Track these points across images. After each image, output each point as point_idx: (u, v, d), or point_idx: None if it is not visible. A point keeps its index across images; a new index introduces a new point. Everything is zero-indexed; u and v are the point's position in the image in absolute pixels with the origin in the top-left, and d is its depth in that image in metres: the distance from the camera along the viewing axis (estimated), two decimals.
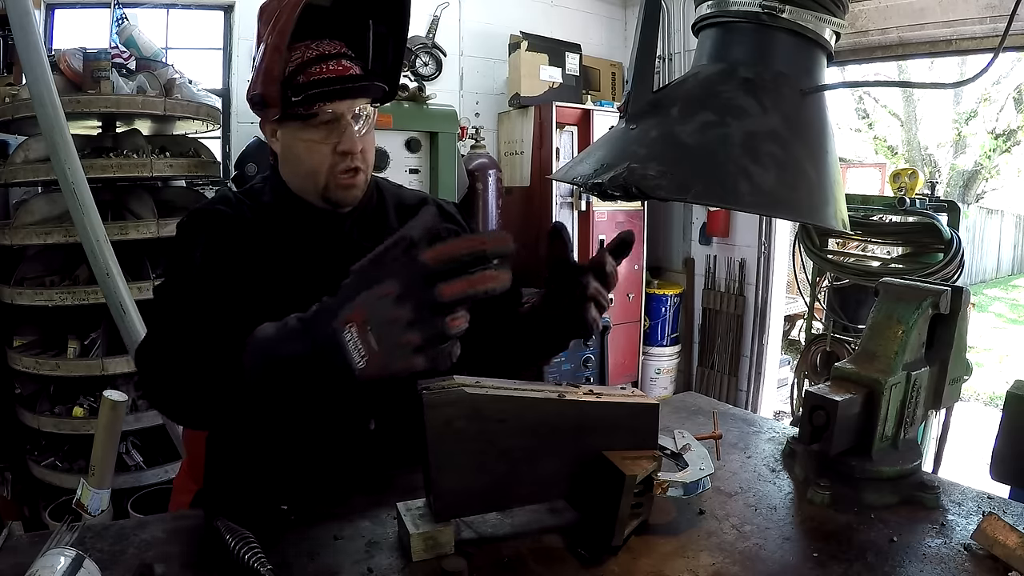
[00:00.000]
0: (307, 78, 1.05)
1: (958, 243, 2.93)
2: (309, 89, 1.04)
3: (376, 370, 0.72)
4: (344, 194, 1.13)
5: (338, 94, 1.06)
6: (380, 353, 0.71)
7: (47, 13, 3.05)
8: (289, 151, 1.12)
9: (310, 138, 1.08)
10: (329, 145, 1.08)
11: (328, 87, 1.05)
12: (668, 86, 0.96)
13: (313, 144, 1.09)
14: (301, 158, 1.11)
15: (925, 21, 3.26)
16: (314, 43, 1.08)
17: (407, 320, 0.70)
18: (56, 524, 0.98)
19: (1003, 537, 0.86)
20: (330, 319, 0.74)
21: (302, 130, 1.08)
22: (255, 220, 1.14)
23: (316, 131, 1.08)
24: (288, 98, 1.04)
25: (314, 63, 1.06)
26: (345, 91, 1.07)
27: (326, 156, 1.09)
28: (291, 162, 1.13)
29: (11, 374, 2.57)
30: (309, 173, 1.11)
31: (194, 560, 0.86)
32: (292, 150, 1.11)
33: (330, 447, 1.12)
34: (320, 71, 1.06)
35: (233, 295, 1.02)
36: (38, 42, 1.86)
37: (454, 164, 3.22)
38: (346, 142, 1.08)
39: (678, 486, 0.98)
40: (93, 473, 2.10)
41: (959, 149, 13.25)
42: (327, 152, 1.09)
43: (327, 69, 1.06)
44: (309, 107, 1.05)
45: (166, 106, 2.51)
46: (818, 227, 1.91)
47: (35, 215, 2.42)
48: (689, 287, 4.45)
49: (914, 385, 1.12)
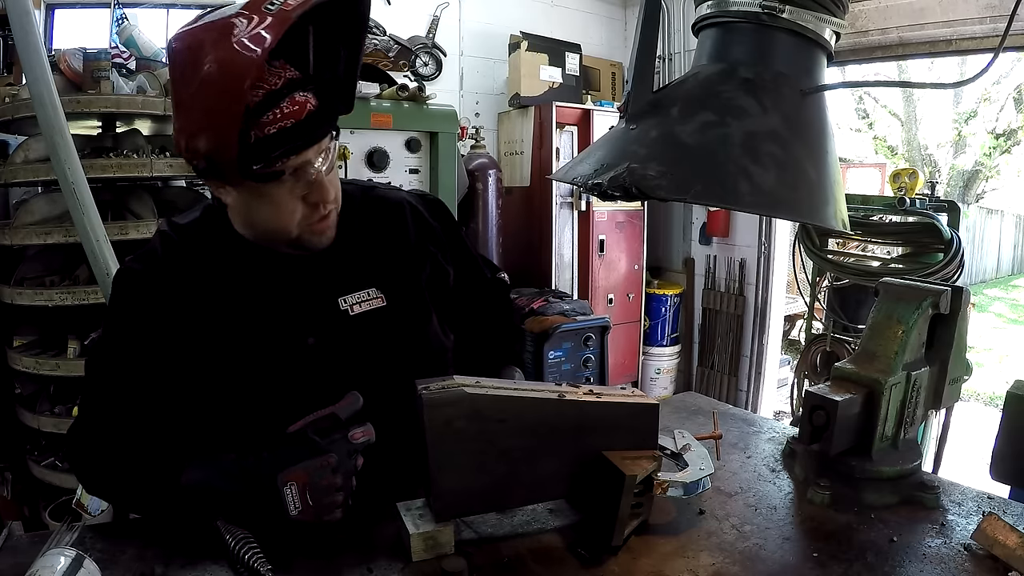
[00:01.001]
0: (261, 131, 0.86)
1: (958, 243, 2.93)
2: (270, 149, 0.87)
3: (306, 519, 0.87)
4: (319, 239, 1.01)
5: (303, 144, 0.90)
6: (313, 508, 0.87)
7: (47, 13, 3.04)
8: (248, 208, 0.97)
9: (274, 194, 0.93)
10: (297, 198, 0.94)
11: (290, 140, 0.88)
12: (668, 86, 0.96)
13: (280, 201, 0.94)
14: (266, 218, 0.96)
15: (925, 21, 3.26)
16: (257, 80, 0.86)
17: (338, 486, 0.88)
18: (56, 524, 0.98)
19: (1003, 537, 0.86)
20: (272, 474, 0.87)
21: (263, 187, 0.92)
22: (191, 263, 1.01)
23: (280, 185, 0.92)
24: (246, 164, 0.87)
25: (264, 109, 0.85)
26: (310, 137, 0.90)
27: (295, 210, 0.95)
28: (251, 220, 0.99)
29: (11, 374, 2.57)
30: (277, 230, 0.97)
31: (194, 560, 0.86)
32: (253, 210, 0.96)
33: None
34: (275, 118, 0.86)
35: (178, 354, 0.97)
36: (38, 42, 1.85)
37: (454, 164, 3.22)
38: (317, 192, 0.95)
39: (678, 486, 0.98)
40: None
41: (959, 149, 13.25)
42: (296, 205, 0.95)
43: (282, 114, 0.87)
44: (271, 166, 0.89)
45: (166, 106, 2.50)
46: (818, 227, 1.91)
47: (35, 215, 2.42)
48: (689, 287, 4.44)
49: (914, 385, 1.12)
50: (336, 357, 1.03)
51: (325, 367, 1.02)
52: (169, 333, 0.97)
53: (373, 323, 1.06)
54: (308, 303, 1.04)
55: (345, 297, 1.05)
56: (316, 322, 1.03)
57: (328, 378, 1.00)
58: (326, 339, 1.03)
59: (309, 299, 1.04)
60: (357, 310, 1.05)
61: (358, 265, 1.08)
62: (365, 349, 1.06)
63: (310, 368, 1.02)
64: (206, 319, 0.99)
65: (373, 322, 1.06)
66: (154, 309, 0.98)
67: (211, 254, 1.02)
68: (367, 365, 1.05)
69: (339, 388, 0.94)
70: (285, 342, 1.01)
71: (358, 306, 1.06)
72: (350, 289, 1.06)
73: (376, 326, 1.06)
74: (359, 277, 1.08)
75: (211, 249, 1.02)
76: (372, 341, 1.06)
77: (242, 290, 1.01)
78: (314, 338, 1.02)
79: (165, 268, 1.00)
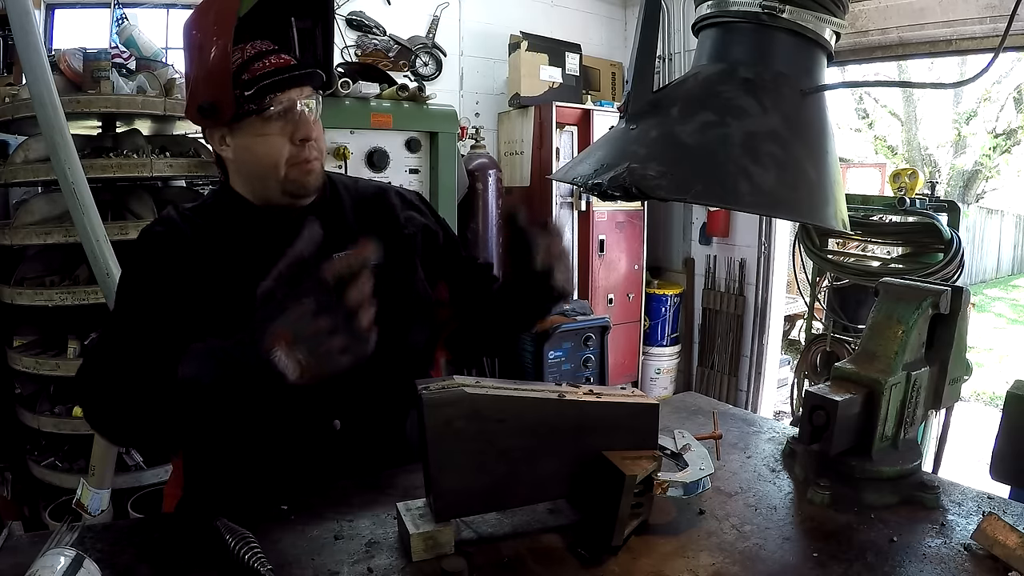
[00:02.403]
0: (252, 74, 1.08)
1: (958, 243, 2.93)
2: (259, 82, 1.07)
3: (310, 378, 0.81)
4: (305, 180, 1.14)
5: (287, 83, 1.10)
6: (312, 363, 0.80)
7: (47, 13, 3.05)
8: (245, 151, 1.13)
9: (266, 132, 1.10)
10: (285, 136, 1.11)
11: (276, 77, 1.09)
12: (668, 86, 0.96)
13: (270, 138, 1.11)
14: (259, 155, 1.12)
15: (925, 21, 3.26)
16: (246, 45, 1.11)
17: (328, 329, 0.79)
18: (56, 524, 0.98)
19: (1003, 537, 0.86)
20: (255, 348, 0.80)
21: (257, 125, 1.10)
22: (205, 234, 1.15)
23: (271, 124, 1.10)
24: (240, 96, 1.07)
25: (254, 60, 1.09)
26: (292, 79, 1.10)
27: (284, 146, 1.11)
28: (248, 163, 1.15)
29: (11, 374, 2.57)
30: (269, 167, 1.12)
31: (194, 560, 0.86)
32: (249, 149, 1.13)
33: (295, 448, 1.13)
34: (263, 66, 1.09)
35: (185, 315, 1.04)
36: (38, 42, 1.85)
37: (454, 164, 3.22)
38: (302, 129, 1.11)
39: (678, 486, 0.98)
40: (93, 473, 2.10)
41: (959, 149, 13.25)
42: (284, 143, 1.11)
43: (269, 63, 1.10)
44: (262, 100, 1.08)
45: (166, 106, 2.51)
46: (818, 227, 1.91)
47: (35, 215, 2.42)
48: (689, 287, 4.44)
49: (914, 385, 1.12)
50: None
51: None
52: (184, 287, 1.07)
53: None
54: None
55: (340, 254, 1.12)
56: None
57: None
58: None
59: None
60: None
61: (350, 229, 1.21)
62: None
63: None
64: (217, 276, 1.09)
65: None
66: (171, 264, 1.09)
67: (220, 223, 1.16)
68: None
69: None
70: None
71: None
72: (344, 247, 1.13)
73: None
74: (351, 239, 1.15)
75: (219, 219, 1.17)
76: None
77: (248, 250, 1.11)
78: None
79: (182, 231, 1.14)
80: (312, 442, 1.14)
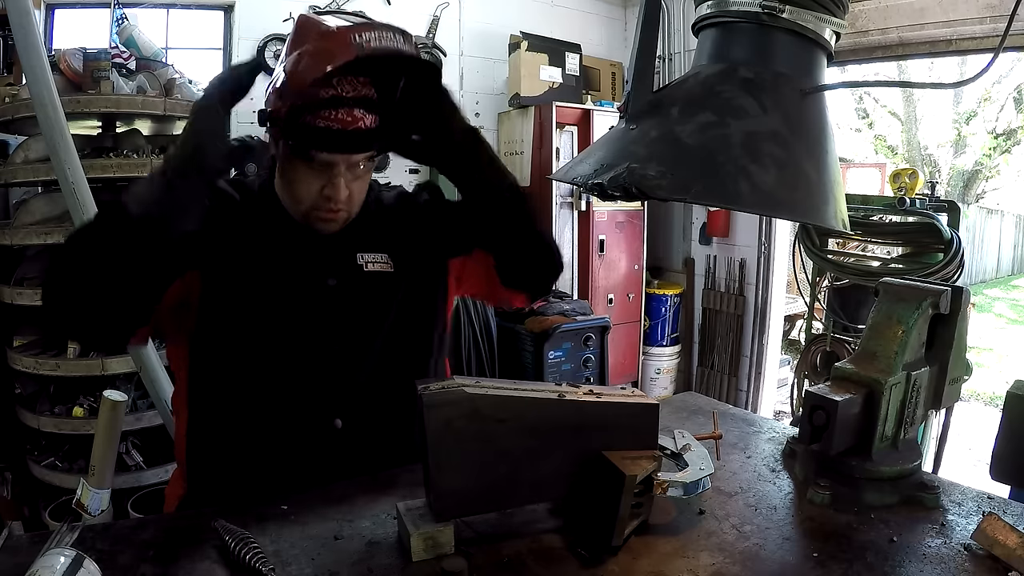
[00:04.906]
0: (312, 121, 1.03)
1: (958, 243, 2.93)
2: (309, 135, 1.04)
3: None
4: (322, 226, 1.15)
5: (335, 147, 1.06)
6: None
7: (47, 13, 3.04)
8: (283, 170, 1.14)
9: (302, 171, 1.09)
10: (317, 185, 1.10)
11: (327, 138, 1.05)
12: (668, 86, 0.96)
13: (303, 177, 1.10)
14: (291, 181, 1.13)
15: (925, 21, 3.26)
16: (344, 79, 1.04)
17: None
18: (56, 524, 0.98)
19: (1003, 537, 0.86)
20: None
21: (296, 160, 1.09)
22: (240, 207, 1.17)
23: (309, 167, 1.08)
24: (292, 130, 1.05)
25: (326, 106, 1.03)
26: (343, 145, 1.06)
27: (313, 192, 1.10)
28: (283, 180, 1.16)
29: (11, 374, 2.57)
30: (295, 199, 1.13)
31: (194, 560, 0.86)
32: (286, 172, 1.13)
33: (296, 447, 1.13)
34: (328, 117, 1.03)
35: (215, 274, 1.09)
36: (38, 42, 1.85)
37: None
38: (332, 189, 1.09)
39: (678, 486, 0.98)
40: (93, 473, 2.09)
41: (959, 149, 13.25)
42: (315, 189, 1.10)
43: (335, 117, 1.04)
44: (306, 148, 1.06)
45: (166, 106, 2.51)
46: (818, 227, 1.91)
47: (35, 215, 2.42)
48: (689, 287, 4.44)
49: (914, 385, 1.12)
50: (350, 302, 1.17)
51: (340, 310, 1.16)
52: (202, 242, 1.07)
53: (381, 283, 1.20)
54: (331, 252, 1.18)
55: (362, 254, 1.20)
56: (337, 268, 1.17)
57: (341, 321, 1.15)
58: (343, 284, 1.17)
59: (333, 249, 1.18)
60: (370, 268, 1.20)
61: (374, 234, 1.23)
62: (374, 302, 1.19)
63: (327, 308, 1.15)
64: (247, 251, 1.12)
65: (381, 282, 1.20)
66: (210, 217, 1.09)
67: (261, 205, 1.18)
68: (375, 317, 1.19)
69: (350, 333, 1.15)
70: (309, 280, 1.15)
71: (371, 264, 1.20)
72: (366, 250, 1.21)
73: (383, 286, 1.20)
74: (374, 243, 1.22)
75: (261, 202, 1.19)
76: (379, 297, 1.19)
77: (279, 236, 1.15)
78: (334, 280, 1.16)
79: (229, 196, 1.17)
80: (313, 441, 1.14)
